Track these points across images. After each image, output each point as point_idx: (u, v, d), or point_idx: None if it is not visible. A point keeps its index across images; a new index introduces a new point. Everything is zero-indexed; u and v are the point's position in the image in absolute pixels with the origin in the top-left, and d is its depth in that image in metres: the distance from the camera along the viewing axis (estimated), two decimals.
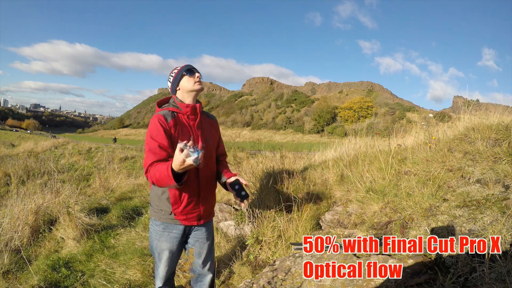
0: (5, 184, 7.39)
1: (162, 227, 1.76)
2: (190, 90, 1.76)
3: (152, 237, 1.81)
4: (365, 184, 2.11)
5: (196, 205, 1.77)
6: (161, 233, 1.77)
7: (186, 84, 1.76)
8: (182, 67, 1.80)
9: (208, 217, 1.87)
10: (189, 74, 1.75)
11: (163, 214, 1.76)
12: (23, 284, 2.80)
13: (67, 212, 3.90)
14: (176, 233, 1.77)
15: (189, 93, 1.76)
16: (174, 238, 1.77)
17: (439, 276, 0.86)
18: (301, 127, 75.04)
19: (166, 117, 1.66)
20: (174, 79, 1.79)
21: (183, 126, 1.73)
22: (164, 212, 1.76)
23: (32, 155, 13.32)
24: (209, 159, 1.81)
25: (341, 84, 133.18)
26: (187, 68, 1.77)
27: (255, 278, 1.30)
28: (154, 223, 1.80)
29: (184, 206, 1.73)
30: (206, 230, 1.85)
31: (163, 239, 1.77)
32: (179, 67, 1.82)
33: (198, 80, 1.77)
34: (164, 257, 1.80)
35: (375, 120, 65.54)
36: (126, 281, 2.78)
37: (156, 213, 1.78)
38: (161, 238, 1.77)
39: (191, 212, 1.76)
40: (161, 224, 1.77)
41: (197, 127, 1.78)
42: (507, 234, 0.89)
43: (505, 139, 1.66)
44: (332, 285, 0.95)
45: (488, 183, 1.23)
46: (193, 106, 1.75)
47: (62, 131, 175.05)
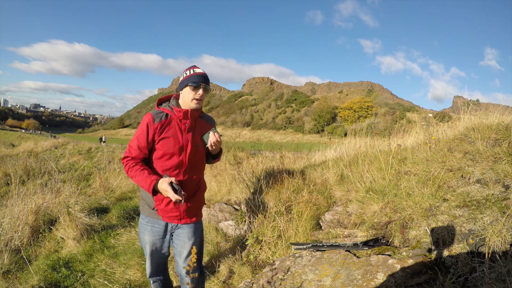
0: (5, 184, 7.39)
1: (146, 220, 1.83)
2: (187, 103, 1.76)
3: (139, 230, 1.89)
4: (365, 184, 2.11)
5: (177, 206, 1.78)
6: (144, 226, 1.83)
7: (186, 96, 1.75)
8: (192, 75, 1.74)
9: (192, 218, 1.86)
10: (192, 87, 1.72)
11: (147, 209, 1.82)
12: (23, 284, 2.80)
13: (67, 212, 3.90)
14: (158, 228, 1.81)
15: (186, 104, 1.76)
16: (156, 232, 1.81)
17: (439, 276, 0.86)
18: (301, 127, 75.04)
19: (155, 118, 1.71)
20: (182, 81, 1.77)
21: (172, 129, 1.74)
22: (148, 206, 1.82)
23: (32, 155, 13.32)
24: (197, 163, 1.83)
25: (341, 84, 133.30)
26: (194, 80, 1.72)
27: (255, 278, 1.30)
28: (141, 216, 1.88)
29: (165, 205, 1.77)
30: (189, 230, 1.84)
31: (146, 232, 1.83)
32: (192, 71, 1.76)
33: (198, 98, 1.73)
34: (147, 250, 1.85)
35: (375, 120, 65.53)
36: (126, 281, 2.78)
37: (142, 207, 1.86)
38: (144, 231, 1.83)
39: (171, 211, 1.78)
40: (145, 218, 1.83)
41: (188, 131, 1.77)
42: (507, 234, 0.88)
43: (505, 139, 1.66)
44: (332, 285, 0.95)
45: (488, 183, 1.23)
46: (186, 111, 1.74)
47: (62, 131, 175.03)
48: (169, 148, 1.73)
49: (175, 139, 1.74)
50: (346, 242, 1.20)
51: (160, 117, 1.73)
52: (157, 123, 1.71)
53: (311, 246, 1.31)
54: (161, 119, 1.73)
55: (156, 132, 1.71)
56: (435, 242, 0.99)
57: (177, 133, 1.75)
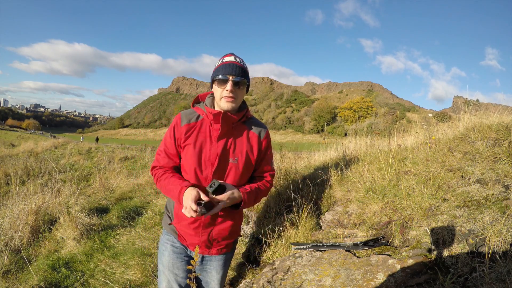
0: (5, 184, 7.39)
1: (167, 238, 1.51)
2: (218, 103, 1.40)
3: (158, 250, 1.56)
4: (365, 184, 2.11)
5: (198, 230, 1.41)
6: (165, 244, 1.51)
7: (215, 94, 1.40)
8: (219, 66, 1.37)
9: (218, 250, 1.47)
10: (217, 81, 1.35)
11: (166, 221, 1.53)
12: (23, 284, 2.80)
13: (67, 212, 3.90)
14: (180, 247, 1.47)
15: (217, 104, 1.41)
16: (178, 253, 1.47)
17: (439, 276, 0.86)
18: (301, 127, 75.09)
19: (183, 119, 1.40)
20: (212, 74, 1.41)
21: (201, 135, 1.39)
22: (167, 218, 1.53)
23: (32, 155, 13.32)
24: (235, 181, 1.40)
25: (341, 84, 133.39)
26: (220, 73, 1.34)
27: (255, 278, 1.30)
28: (162, 232, 1.56)
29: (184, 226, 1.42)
30: (218, 262, 1.48)
31: (166, 252, 1.49)
32: (220, 61, 1.40)
33: (226, 95, 1.34)
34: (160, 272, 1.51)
35: (375, 120, 65.54)
36: (126, 281, 2.78)
37: (165, 221, 1.55)
38: (164, 251, 1.50)
39: (190, 235, 1.42)
40: (166, 234, 1.52)
41: (218, 140, 1.38)
42: (507, 234, 0.88)
43: (505, 139, 1.66)
44: (332, 285, 0.95)
45: (488, 183, 1.23)
46: (217, 113, 1.35)
47: (62, 131, 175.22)
48: (188, 159, 1.38)
49: (199, 148, 1.37)
50: (346, 242, 1.20)
51: (189, 118, 1.41)
52: (184, 125, 1.39)
53: (311, 246, 1.31)
54: (189, 120, 1.40)
55: (181, 136, 1.39)
56: (435, 242, 0.99)
57: (205, 140, 1.39)
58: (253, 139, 1.45)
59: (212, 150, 1.37)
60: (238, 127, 1.43)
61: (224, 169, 1.39)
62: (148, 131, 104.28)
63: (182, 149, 1.40)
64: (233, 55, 1.40)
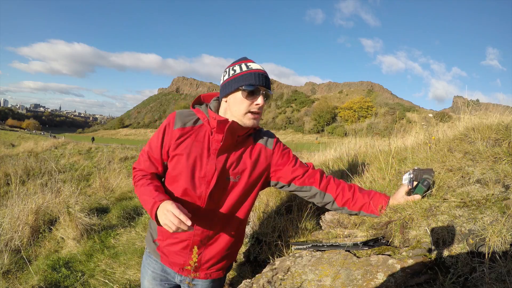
0: (5, 184, 7.39)
1: (149, 260, 1.31)
2: (237, 116, 1.14)
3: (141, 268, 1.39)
4: (365, 184, 2.11)
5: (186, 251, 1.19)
6: (146, 267, 1.32)
7: (236, 105, 1.13)
8: (245, 72, 1.11)
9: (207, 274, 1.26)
10: (247, 92, 1.10)
11: (149, 238, 1.31)
12: (23, 284, 2.80)
13: (67, 212, 3.90)
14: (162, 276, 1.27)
15: (234, 116, 1.15)
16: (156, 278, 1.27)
17: (439, 276, 0.86)
18: (301, 127, 75.14)
19: (177, 121, 1.16)
20: (228, 81, 1.14)
21: (197, 145, 1.15)
22: (149, 236, 1.31)
23: (32, 155, 13.32)
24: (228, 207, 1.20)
25: (341, 84, 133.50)
26: (251, 82, 1.09)
27: (255, 278, 1.30)
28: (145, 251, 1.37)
29: (169, 245, 1.21)
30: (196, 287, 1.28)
31: (146, 276, 1.30)
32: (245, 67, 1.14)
33: (257, 111, 1.12)
34: None
35: (375, 120, 65.57)
36: (126, 281, 2.78)
37: (146, 237, 1.35)
38: (145, 275, 1.32)
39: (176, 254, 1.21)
40: (148, 257, 1.31)
41: (219, 154, 1.15)
42: (507, 234, 0.88)
43: (505, 139, 1.66)
44: (332, 285, 0.95)
45: (488, 183, 1.23)
46: (223, 121, 1.11)
47: (62, 131, 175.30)
48: (178, 172, 1.14)
49: (193, 160, 1.13)
50: (346, 242, 1.20)
51: (185, 121, 1.16)
52: (178, 128, 1.15)
53: (311, 246, 1.31)
54: (184, 124, 1.15)
55: (172, 142, 1.14)
56: (435, 242, 0.99)
57: (202, 152, 1.14)
58: (260, 153, 1.22)
59: (210, 165, 1.13)
60: (243, 140, 1.20)
61: (223, 189, 1.17)
62: (148, 131, 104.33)
63: (171, 158, 1.16)
64: (255, 62, 1.17)
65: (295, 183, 1.25)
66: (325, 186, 1.25)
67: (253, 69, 1.12)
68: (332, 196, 1.25)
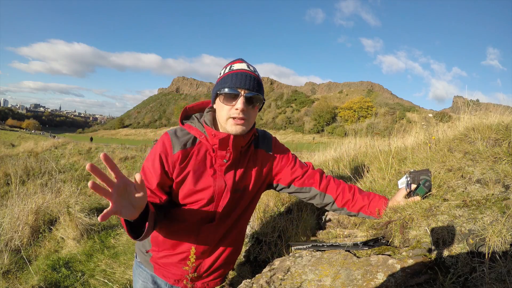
0: (5, 184, 7.39)
1: (139, 270, 1.28)
2: (222, 125, 1.06)
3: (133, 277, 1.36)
4: (365, 184, 2.11)
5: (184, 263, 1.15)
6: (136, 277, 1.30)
7: (219, 112, 1.05)
8: (226, 74, 1.03)
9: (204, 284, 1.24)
10: (224, 95, 1.01)
11: (140, 249, 1.28)
12: (23, 284, 2.80)
13: (67, 212, 3.90)
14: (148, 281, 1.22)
15: (221, 125, 1.08)
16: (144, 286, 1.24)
17: (439, 276, 0.86)
18: (301, 127, 75.16)
19: (175, 144, 1.06)
20: (215, 85, 1.07)
21: (200, 166, 1.08)
22: (141, 245, 1.27)
23: (32, 155, 13.32)
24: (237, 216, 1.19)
25: (341, 84, 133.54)
26: (229, 85, 0.99)
27: (255, 278, 1.30)
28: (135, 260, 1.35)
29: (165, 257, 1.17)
30: None
31: (134, 279, 1.30)
32: (229, 69, 1.05)
33: (236, 115, 1.00)
34: None
35: (375, 120, 65.58)
36: (126, 281, 2.78)
37: (137, 244, 1.32)
38: (134, 279, 1.31)
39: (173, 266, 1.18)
40: (139, 266, 1.29)
41: (226, 171, 1.10)
42: (507, 234, 0.88)
43: (505, 139, 1.66)
44: (332, 285, 0.95)
45: (488, 183, 1.23)
46: (224, 137, 1.03)
47: (62, 131, 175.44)
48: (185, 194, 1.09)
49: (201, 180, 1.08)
50: (346, 242, 1.20)
51: (184, 142, 1.07)
52: (178, 151, 1.05)
53: (311, 246, 1.31)
54: (185, 145, 1.07)
55: (175, 167, 1.06)
56: (435, 242, 0.99)
57: (207, 174, 1.08)
58: (262, 159, 1.20)
59: (219, 182, 1.08)
60: (245, 150, 1.16)
61: (233, 203, 1.14)
62: (148, 131, 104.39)
63: (176, 184, 1.08)
64: (244, 62, 1.07)
65: (295, 184, 1.24)
66: (325, 187, 1.25)
67: (234, 69, 1.03)
68: (332, 197, 1.25)
